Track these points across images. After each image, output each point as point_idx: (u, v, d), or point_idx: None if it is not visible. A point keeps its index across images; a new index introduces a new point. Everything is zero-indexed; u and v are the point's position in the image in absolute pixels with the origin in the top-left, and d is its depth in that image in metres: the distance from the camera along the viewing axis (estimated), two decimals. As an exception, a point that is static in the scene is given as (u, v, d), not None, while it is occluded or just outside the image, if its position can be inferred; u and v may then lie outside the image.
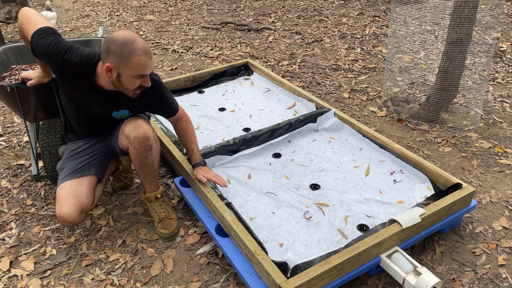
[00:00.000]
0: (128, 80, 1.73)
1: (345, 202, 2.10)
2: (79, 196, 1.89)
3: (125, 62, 1.68)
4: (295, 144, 2.58)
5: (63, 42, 1.80)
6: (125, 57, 1.67)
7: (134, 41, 1.67)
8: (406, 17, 4.08)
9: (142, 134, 1.88)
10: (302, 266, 1.69)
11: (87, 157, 2.01)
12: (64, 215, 1.84)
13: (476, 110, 3.11)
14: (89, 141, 2.07)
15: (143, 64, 1.70)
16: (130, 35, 1.68)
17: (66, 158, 2.03)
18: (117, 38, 1.67)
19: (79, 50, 1.80)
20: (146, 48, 1.70)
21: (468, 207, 2.03)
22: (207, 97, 3.15)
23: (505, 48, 4.30)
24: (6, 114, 3.37)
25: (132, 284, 1.89)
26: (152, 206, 2.14)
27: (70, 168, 1.97)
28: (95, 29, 5.25)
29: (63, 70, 1.80)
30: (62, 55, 1.77)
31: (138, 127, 1.89)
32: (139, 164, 1.97)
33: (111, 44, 1.67)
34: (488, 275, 1.88)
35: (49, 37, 1.79)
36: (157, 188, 2.12)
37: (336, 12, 5.63)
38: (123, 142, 1.96)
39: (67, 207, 1.85)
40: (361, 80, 3.77)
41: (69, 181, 1.92)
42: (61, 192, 1.90)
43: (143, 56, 1.68)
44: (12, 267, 1.99)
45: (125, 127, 1.92)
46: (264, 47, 4.54)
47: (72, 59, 1.77)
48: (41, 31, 1.80)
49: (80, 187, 1.91)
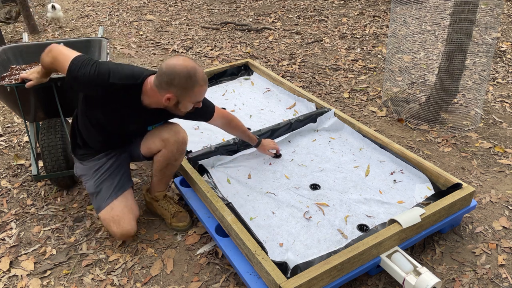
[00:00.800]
0: (186, 105, 1.79)
1: (345, 202, 2.10)
2: (132, 209, 2.03)
3: (188, 93, 1.74)
4: (295, 144, 2.58)
5: (102, 67, 1.75)
6: (189, 89, 1.72)
7: (195, 72, 1.71)
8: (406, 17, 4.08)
9: (182, 139, 2.00)
10: (302, 266, 1.69)
11: (120, 172, 2.06)
12: (127, 231, 1.98)
13: (476, 110, 3.11)
14: (110, 154, 2.06)
15: (203, 93, 1.79)
16: (191, 66, 1.71)
17: (97, 178, 2.01)
18: (181, 71, 1.68)
19: (121, 70, 1.77)
20: (204, 76, 1.76)
21: (468, 207, 2.03)
22: (207, 97, 3.14)
23: (505, 48, 4.30)
24: (6, 114, 3.37)
25: (132, 284, 1.89)
26: (160, 204, 2.17)
27: (110, 188, 2.00)
28: (95, 29, 5.26)
29: (110, 94, 1.78)
30: (107, 80, 1.73)
31: (178, 133, 1.99)
32: (165, 165, 2.03)
33: (175, 78, 1.68)
34: (488, 275, 1.88)
35: (87, 67, 1.73)
36: (166, 188, 2.17)
37: (336, 12, 5.63)
38: (155, 146, 2.00)
39: (127, 222, 1.98)
40: (361, 80, 3.77)
41: (117, 200, 2.00)
42: (113, 212, 1.97)
43: (204, 86, 1.76)
44: (12, 267, 1.99)
45: (163, 132, 1.98)
46: (264, 47, 4.54)
47: (118, 82, 1.75)
48: (75, 63, 1.74)
49: (128, 201, 2.04)
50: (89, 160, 2.05)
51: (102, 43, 2.56)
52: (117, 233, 1.98)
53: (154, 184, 2.13)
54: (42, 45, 2.57)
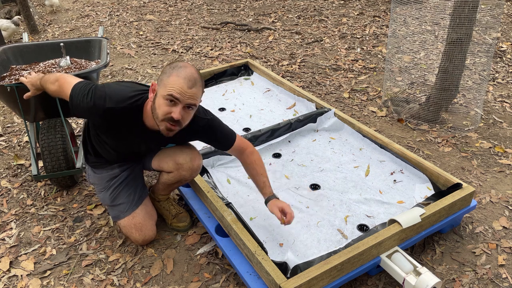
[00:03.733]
0: (160, 101, 1.58)
1: (345, 202, 2.10)
2: (152, 215, 2.07)
3: (163, 82, 1.58)
4: (295, 144, 2.58)
5: (98, 92, 1.66)
6: (166, 75, 1.58)
7: (183, 66, 1.59)
8: (406, 17, 4.08)
9: (197, 166, 1.96)
10: (302, 266, 1.69)
11: (135, 183, 2.05)
12: (149, 237, 2.03)
13: (476, 110, 3.11)
14: (123, 166, 2.03)
15: (178, 85, 1.54)
16: (188, 65, 1.61)
17: (113, 191, 2.00)
18: (173, 63, 1.61)
19: (119, 92, 1.68)
20: (192, 76, 1.56)
21: (468, 207, 2.03)
22: (207, 97, 3.15)
23: (505, 48, 4.30)
24: (6, 114, 3.37)
25: (132, 284, 1.88)
26: (162, 205, 2.17)
27: (128, 199, 2.00)
28: (95, 29, 5.25)
29: (110, 120, 1.70)
30: (104, 106, 1.64)
31: (194, 160, 1.94)
32: (174, 183, 2.01)
33: (166, 66, 1.62)
34: (488, 275, 1.88)
35: (84, 96, 1.66)
36: (170, 193, 2.18)
37: (336, 12, 5.63)
38: (168, 167, 1.94)
39: (149, 228, 2.02)
40: (361, 80, 3.77)
41: (138, 208, 2.01)
42: (135, 220, 1.99)
43: (181, 78, 1.55)
44: (12, 267, 1.99)
45: (179, 156, 1.92)
46: (264, 47, 4.54)
47: (116, 106, 1.65)
48: (74, 91, 1.68)
49: (148, 207, 2.06)
50: (101, 169, 2.02)
51: (102, 43, 2.56)
52: (139, 240, 2.00)
53: (158, 189, 2.11)
54: (42, 45, 2.57)
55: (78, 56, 2.61)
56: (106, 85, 1.72)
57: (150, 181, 2.53)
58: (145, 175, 2.58)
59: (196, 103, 1.62)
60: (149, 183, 2.51)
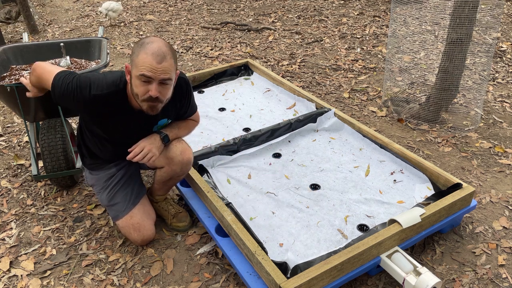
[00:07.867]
0: (135, 82, 1.60)
1: (345, 202, 2.10)
2: (150, 214, 2.06)
3: (134, 59, 1.58)
4: (295, 144, 2.58)
5: (82, 80, 1.69)
6: (135, 54, 1.58)
7: (150, 41, 1.57)
8: (406, 17, 4.08)
9: (187, 160, 1.95)
10: (302, 266, 1.69)
11: (132, 181, 2.05)
12: (148, 237, 2.03)
13: (476, 110, 3.11)
14: (120, 165, 2.03)
15: (147, 63, 1.54)
16: (154, 39, 1.59)
17: (110, 190, 2.00)
18: (140, 40, 1.61)
19: (103, 79, 1.70)
20: (159, 50, 1.55)
21: (468, 207, 2.03)
22: (207, 97, 3.15)
23: (505, 48, 4.30)
24: (6, 114, 3.37)
25: (132, 284, 1.88)
26: (160, 206, 2.17)
27: (125, 198, 2.00)
28: (95, 29, 5.25)
29: (96, 106, 1.71)
30: (89, 93, 1.67)
31: (184, 153, 1.93)
32: (168, 179, 2.01)
33: (134, 45, 1.61)
34: (488, 275, 1.88)
35: (68, 84, 1.68)
36: (167, 193, 2.18)
37: (336, 12, 5.63)
38: (159, 162, 1.93)
39: (147, 228, 2.01)
40: (361, 80, 3.77)
41: (136, 208, 2.01)
42: (133, 220, 1.99)
43: (149, 55, 1.54)
44: (12, 267, 1.99)
45: (170, 151, 1.91)
46: (264, 47, 4.54)
47: (101, 93, 1.67)
48: (57, 80, 1.71)
49: (146, 207, 2.06)
50: (98, 170, 2.02)
51: (102, 43, 2.56)
52: (138, 240, 2.00)
53: (155, 189, 2.12)
54: (42, 45, 2.57)
55: (78, 56, 2.61)
56: (89, 74, 1.74)
57: (149, 181, 2.53)
58: (145, 175, 2.58)
59: (170, 77, 1.61)
60: (149, 183, 2.51)
